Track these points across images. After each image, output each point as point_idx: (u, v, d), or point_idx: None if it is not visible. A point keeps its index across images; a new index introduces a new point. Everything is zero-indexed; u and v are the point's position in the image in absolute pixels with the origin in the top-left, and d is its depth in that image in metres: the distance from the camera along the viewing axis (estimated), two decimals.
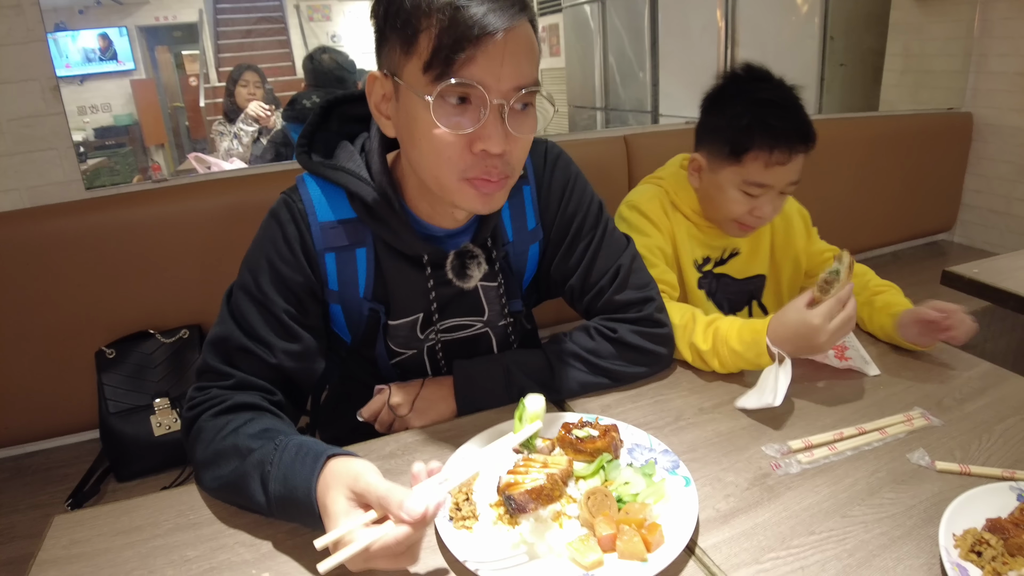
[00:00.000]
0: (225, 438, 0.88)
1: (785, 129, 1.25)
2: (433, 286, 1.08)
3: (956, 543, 0.75)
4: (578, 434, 0.92)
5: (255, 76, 2.80)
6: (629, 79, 3.45)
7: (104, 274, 1.63)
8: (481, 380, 1.09)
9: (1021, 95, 2.79)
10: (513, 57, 0.83)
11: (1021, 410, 1.04)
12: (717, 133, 1.33)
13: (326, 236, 1.01)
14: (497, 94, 0.84)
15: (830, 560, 0.75)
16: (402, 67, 0.86)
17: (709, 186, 1.37)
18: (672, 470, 0.88)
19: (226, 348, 0.97)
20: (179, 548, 0.82)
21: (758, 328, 1.11)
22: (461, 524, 0.80)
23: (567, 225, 1.15)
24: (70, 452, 1.75)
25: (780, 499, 0.86)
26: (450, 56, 0.81)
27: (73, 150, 1.69)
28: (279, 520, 0.85)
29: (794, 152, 1.27)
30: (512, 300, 1.17)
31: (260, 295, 0.98)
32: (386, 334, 1.11)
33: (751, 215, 1.33)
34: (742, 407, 1.06)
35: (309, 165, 1.02)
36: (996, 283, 1.61)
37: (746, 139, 1.27)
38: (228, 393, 0.94)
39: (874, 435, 0.98)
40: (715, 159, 1.34)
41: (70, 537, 0.85)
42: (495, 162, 0.88)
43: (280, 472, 0.80)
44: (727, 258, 1.47)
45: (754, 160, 1.28)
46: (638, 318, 1.15)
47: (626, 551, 0.74)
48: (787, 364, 1.04)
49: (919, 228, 3.06)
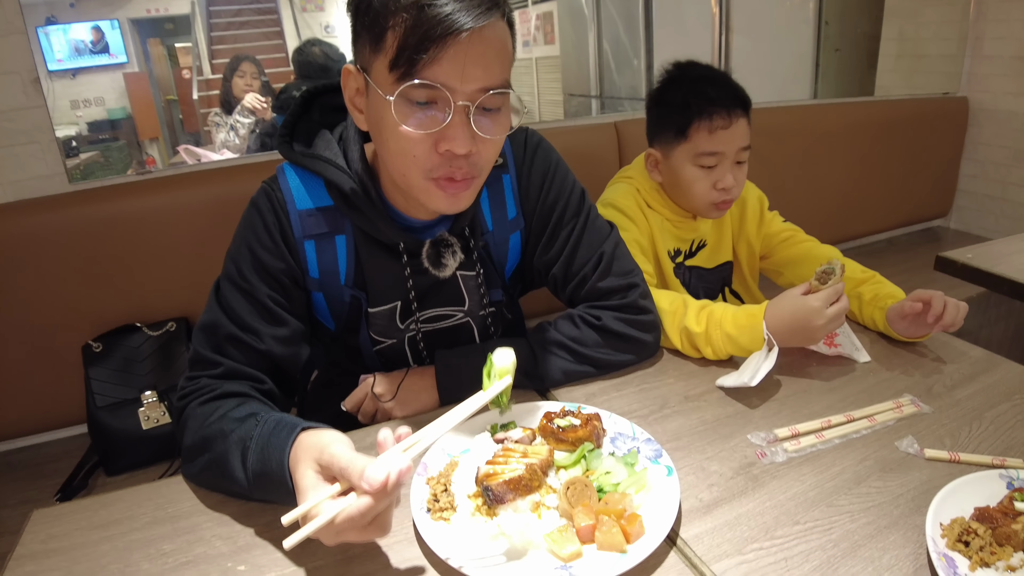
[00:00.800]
0: (212, 424, 0.87)
1: (719, 95, 1.33)
2: (410, 274, 1.07)
3: (943, 533, 0.73)
4: (560, 423, 0.90)
5: (252, 67, 2.77)
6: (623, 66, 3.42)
7: (89, 268, 1.62)
8: (463, 369, 1.08)
9: (1017, 79, 2.77)
10: (480, 58, 0.82)
11: (1012, 396, 1.03)
12: (662, 122, 1.41)
13: (305, 224, 1.01)
14: (462, 96, 0.83)
15: (814, 551, 0.74)
16: (371, 63, 0.86)
17: (670, 175, 1.42)
18: (655, 459, 0.86)
19: (215, 337, 0.97)
20: (156, 541, 0.81)
21: (754, 312, 1.11)
22: (439, 516, 0.78)
23: (548, 213, 1.14)
24: (59, 447, 1.74)
25: (765, 488, 0.84)
26: (413, 56, 0.80)
27: (56, 144, 1.68)
28: (260, 500, 0.84)
29: (733, 115, 1.33)
30: (492, 290, 1.16)
31: (245, 283, 0.98)
32: (368, 322, 1.11)
33: (716, 189, 1.37)
34: (720, 385, 1.07)
35: (288, 154, 1.02)
36: (990, 268, 1.60)
37: (687, 113, 1.34)
38: (217, 382, 0.94)
39: (863, 423, 0.97)
40: (666, 147, 1.41)
41: (48, 532, 0.84)
42: (460, 163, 0.88)
43: (259, 446, 0.79)
44: (696, 250, 1.52)
45: (698, 130, 1.34)
46: (622, 305, 1.14)
47: (605, 542, 0.72)
48: (774, 352, 1.04)
49: (914, 214, 3.05)
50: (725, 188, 1.36)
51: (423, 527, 0.76)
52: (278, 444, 0.77)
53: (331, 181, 0.98)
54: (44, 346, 1.63)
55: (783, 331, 1.08)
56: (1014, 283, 1.54)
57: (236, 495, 0.86)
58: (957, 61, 2.94)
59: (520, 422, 0.95)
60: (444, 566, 0.72)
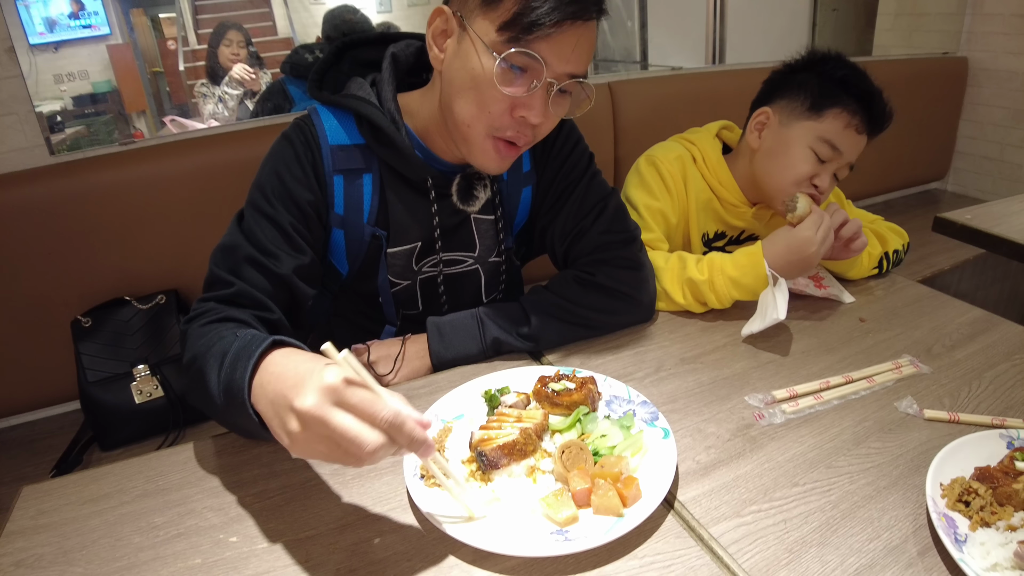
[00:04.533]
0: (204, 342, 0.85)
1: (873, 103, 1.25)
2: (437, 211, 1.10)
3: (943, 493, 0.73)
4: (554, 387, 0.89)
5: (239, 36, 2.70)
6: (618, 27, 3.36)
7: (75, 241, 1.58)
8: (454, 334, 1.08)
9: (1018, 37, 2.72)
10: (581, 48, 0.89)
11: (1012, 356, 1.02)
12: (800, 87, 1.29)
13: (336, 158, 1.04)
14: (552, 74, 0.89)
15: (813, 512, 0.73)
16: (474, 14, 0.89)
17: (775, 143, 1.31)
18: (651, 422, 0.85)
19: (233, 257, 0.96)
20: (146, 514, 0.80)
21: (752, 251, 1.14)
22: (432, 482, 0.77)
23: (558, 170, 1.16)
24: (54, 423, 1.73)
25: (763, 450, 0.84)
26: (530, 27, 0.85)
27: (34, 114, 1.62)
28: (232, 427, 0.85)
29: (871, 128, 1.26)
30: (507, 236, 1.19)
31: (271, 209, 0.99)
32: (386, 262, 1.12)
33: (810, 183, 1.27)
34: (749, 333, 1.08)
35: (319, 96, 1.05)
36: (988, 229, 1.58)
37: (835, 92, 1.25)
38: (223, 307, 0.93)
39: (861, 383, 0.96)
40: (790, 114, 1.29)
41: (38, 507, 0.83)
42: (527, 131, 0.95)
43: (232, 357, 0.76)
44: (744, 239, 1.45)
45: (835, 118, 1.24)
46: (616, 257, 1.13)
47: (601, 506, 0.71)
48: (782, 283, 1.07)
49: (912, 176, 3.02)
50: (821, 189, 1.27)
51: (417, 494, 0.75)
52: (248, 351, 0.74)
53: (364, 116, 1.01)
54: (32, 322, 1.60)
55: (782, 265, 1.12)
56: (1013, 244, 1.52)
57: (220, 419, 0.85)
58: (957, 19, 2.89)
59: (514, 387, 0.93)
60: (439, 533, 0.71)
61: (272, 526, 0.76)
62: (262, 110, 2.49)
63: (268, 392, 0.69)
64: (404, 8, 2.84)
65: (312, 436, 0.62)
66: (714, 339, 1.11)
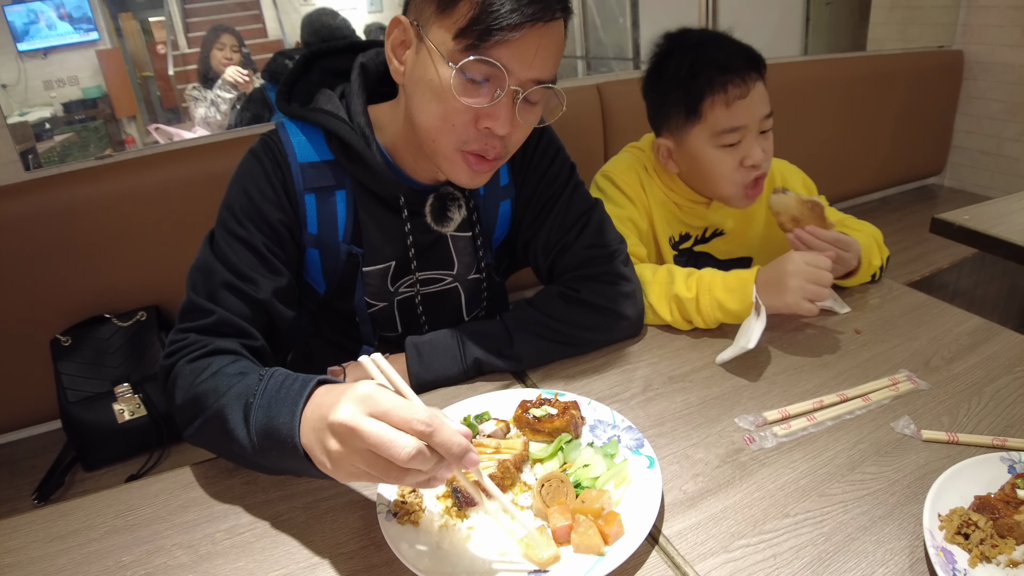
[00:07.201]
0: (204, 381, 0.83)
1: (730, 60, 1.18)
2: (410, 230, 1.07)
3: (941, 524, 0.69)
4: (536, 413, 0.86)
5: (232, 39, 2.67)
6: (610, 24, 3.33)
7: (52, 259, 1.55)
8: (434, 354, 1.04)
9: (1014, 29, 2.68)
10: (545, 52, 0.85)
11: (1012, 369, 0.98)
12: (666, 104, 1.26)
13: (306, 176, 1.00)
14: (516, 81, 0.85)
15: (805, 546, 0.70)
16: (430, 23, 0.85)
17: (688, 163, 1.28)
18: (636, 449, 0.82)
19: (209, 284, 0.93)
20: (114, 552, 0.77)
21: (745, 276, 1.08)
22: (406, 519, 0.74)
23: (538, 182, 1.13)
24: (36, 443, 1.70)
25: (753, 477, 0.80)
26: (486, 33, 0.81)
27: (7, 129, 1.59)
28: (265, 469, 0.83)
29: (748, 80, 1.18)
30: (487, 252, 1.16)
31: (243, 231, 0.95)
32: (363, 281, 1.09)
33: (744, 167, 1.22)
34: (721, 361, 1.03)
35: (287, 110, 1.01)
36: (986, 230, 1.55)
37: (697, 87, 1.19)
38: (207, 339, 0.90)
39: (857, 402, 0.92)
40: (677, 132, 1.25)
41: (5, 545, 0.80)
42: (495, 142, 0.90)
43: (264, 400, 0.74)
44: (709, 237, 1.40)
45: (713, 106, 1.19)
46: (602, 273, 1.09)
47: (582, 544, 0.68)
48: (763, 313, 1.00)
49: (909, 172, 2.98)
50: (754, 164, 1.21)
51: (389, 533, 0.71)
52: (289, 397, 0.71)
53: (332, 132, 0.97)
54: (10, 341, 1.56)
55: (763, 292, 1.05)
56: (1012, 245, 1.49)
57: (241, 460, 0.83)
58: (953, 12, 2.85)
59: (495, 412, 0.90)
60: (411, 573, 0.68)
61: (242, 565, 0.74)
62: (242, 119, 2.46)
63: (311, 422, 0.68)
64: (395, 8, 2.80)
65: (350, 451, 0.61)
66: (704, 355, 1.07)
